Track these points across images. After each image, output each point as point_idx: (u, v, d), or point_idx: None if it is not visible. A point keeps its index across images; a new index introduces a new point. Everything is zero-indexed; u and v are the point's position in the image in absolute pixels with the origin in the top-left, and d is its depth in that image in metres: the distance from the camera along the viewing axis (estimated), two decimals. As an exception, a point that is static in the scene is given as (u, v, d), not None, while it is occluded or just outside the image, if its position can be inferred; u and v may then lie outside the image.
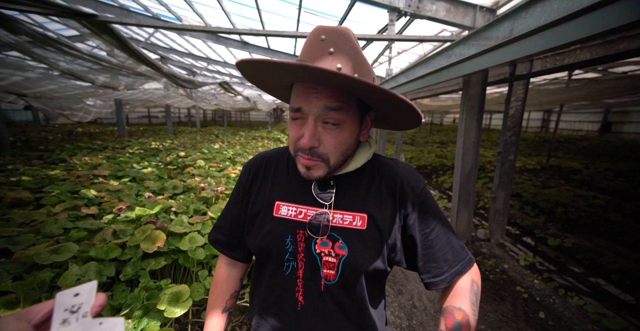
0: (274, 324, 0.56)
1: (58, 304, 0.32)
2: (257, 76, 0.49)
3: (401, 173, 0.58)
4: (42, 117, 14.22)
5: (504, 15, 1.18)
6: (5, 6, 1.64)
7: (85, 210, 2.14)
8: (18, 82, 4.04)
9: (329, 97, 0.46)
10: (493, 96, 7.17)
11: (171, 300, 1.38)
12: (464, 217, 2.77)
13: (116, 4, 5.23)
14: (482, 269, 2.54)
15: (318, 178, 0.51)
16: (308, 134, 0.47)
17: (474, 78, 2.31)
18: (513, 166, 2.82)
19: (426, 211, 0.56)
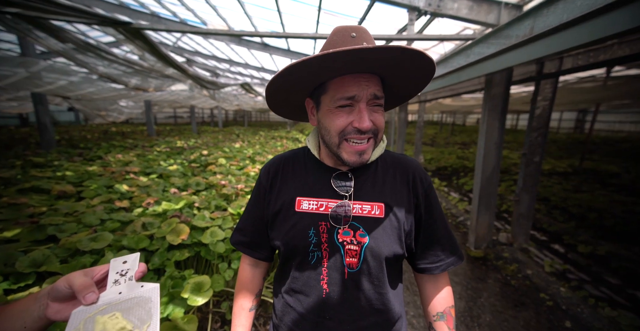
0: (300, 311, 0.59)
1: (112, 267, 0.41)
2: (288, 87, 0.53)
3: (412, 165, 0.64)
4: (82, 117, 15.40)
5: (525, 13, 1.14)
6: (56, 18, 1.83)
7: (118, 203, 2.31)
8: (64, 85, 4.43)
9: (376, 85, 0.52)
10: (520, 95, 6.80)
11: (194, 289, 1.47)
12: (485, 220, 2.68)
13: (148, 11, 5.57)
14: (504, 274, 2.45)
15: (367, 161, 0.55)
16: (366, 115, 0.51)
17: (496, 77, 2.23)
18: (539, 169, 2.68)
19: (431, 203, 0.61)
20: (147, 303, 0.39)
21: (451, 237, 0.63)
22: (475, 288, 2.28)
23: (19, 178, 2.74)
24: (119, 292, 0.39)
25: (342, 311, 0.57)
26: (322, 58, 0.44)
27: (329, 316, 0.57)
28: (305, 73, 0.49)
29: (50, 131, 5.04)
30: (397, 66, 0.49)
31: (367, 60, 0.46)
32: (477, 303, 2.10)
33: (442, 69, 2.15)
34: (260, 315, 1.84)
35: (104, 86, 5.66)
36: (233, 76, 11.82)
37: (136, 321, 0.37)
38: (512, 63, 1.43)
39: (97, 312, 0.37)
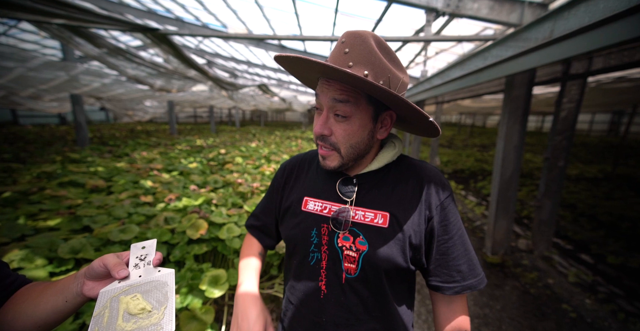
0: (300, 308, 0.61)
1: (132, 252, 0.46)
2: (294, 69, 0.55)
3: (429, 175, 0.58)
4: (112, 116, 16.35)
5: (545, 15, 1.11)
6: (95, 26, 1.99)
7: (143, 198, 2.47)
8: (98, 87, 4.76)
9: (337, 90, 0.50)
10: (546, 96, 6.47)
11: (211, 281, 1.56)
12: (503, 225, 2.59)
13: (173, 16, 5.85)
14: (522, 281, 2.36)
15: (333, 168, 0.55)
16: (320, 122, 0.52)
17: (518, 78, 2.16)
18: (563, 173, 2.56)
19: (448, 218, 0.56)
20: (164, 287, 0.43)
21: (470, 258, 0.56)
22: (491, 294, 2.22)
23: (59, 172, 2.99)
24: (139, 275, 0.44)
25: (338, 314, 0.57)
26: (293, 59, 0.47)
27: (326, 317, 0.57)
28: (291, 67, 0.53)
29: (84, 129, 5.42)
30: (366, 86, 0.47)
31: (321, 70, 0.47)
32: (493, 310, 2.05)
33: (458, 71, 2.11)
34: (273, 310, 1.91)
35: (131, 87, 6.02)
36: (251, 77, 12.10)
37: (155, 303, 0.41)
38: (533, 65, 1.40)
39: (121, 292, 0.41)
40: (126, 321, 0.39)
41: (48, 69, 3.58)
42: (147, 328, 0.39)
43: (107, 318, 0.39)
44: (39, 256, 1.26)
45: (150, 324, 0.39)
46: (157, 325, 0.40)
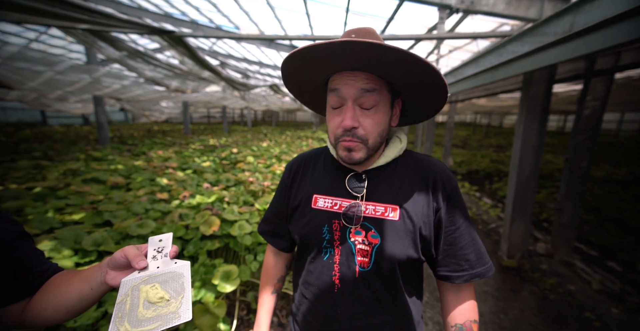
0: (314, 303, 0.62)
1: (150, 244, 0.48)
2: (296, 78, 0.56)
3: (435, 168, 0.60)
4: (130, 117, 17.00)
5: (565, 8, 1.06)
6: (116, 30, 2.09)
7: (159, 195, 2.55)
8: (118, 89, 4.96)
9: (363, 80, 0.50)
10: (569, 94, 6.19)
11: (223, 277, 1.59)
12: (520, 228, 2.50)
13: (188, 19, 6.02)
14: (541, 287, 2.27)
15: (359, 160, 0.54)
16: (349, 114, 0.51)
17: (536, 76, 2.07)
18: (586, 175, 2.45)
19: (454, 208, 0.57)
20: (180, 278, 0.46)
21: (478, 247, 0.58)
22: (506, 299, 2.15)
23: (83, 169, 3.15)
24: (157, 266, 0.46)
25: (352, 307, 0.58)
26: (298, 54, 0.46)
27: (340, 310, 0.59)
28: (305, 77, 0.52)
29: (106, 129, 5.67)
30: (393, 65, 0.47)
31: (346, 57, 0.46)
32: (509, 315, 1.99)
33: (472, 68, 2.05)
34: (283, 307, 1.93)
35: (149, 88, 6.24)
36: (262, 77, 12.26)
37: (172, 293, 0.44)
38: (552, 61, 1.34)
39: (141, 282, 0.44)
40: (146, 309, 0.42)
41: (74, 72, 3.78)
42: (165, 316, 0.41)
43: (129, 305, 0.42)
44: (66, 248, 1.33)
45: (168, 312, 0.42)
46: (175, 314, 0.42)
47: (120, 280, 0.45)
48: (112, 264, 0.46)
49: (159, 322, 0.41)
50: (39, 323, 0.48)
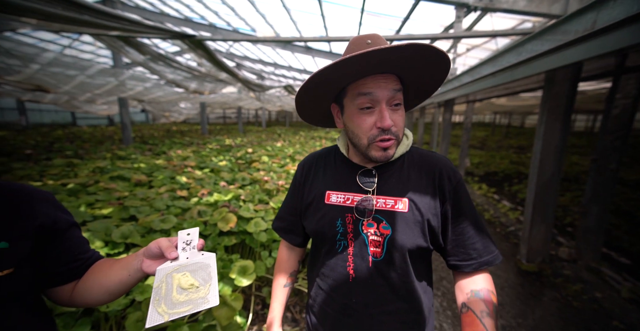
0: (330, 293, 0.65)
1: (179, 237, 0.53)
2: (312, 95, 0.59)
3: (439, 163, 0.63)
4: (151, 117, 17.74)
5: (587, 5, 1.02)
6: (142, 36, 2.21)
7: (179, 192, 2.67)
8: (141, 91, 5.22)
9: (394, 81, 0.55)
10: (599, 92, 5.86)
11: (240, 271, 1.66)
12: (541, 231, 2.42)
13: (206, 23, 6.22)
14: (563, 293, 2.18)
15: (392, 156, 0.59)
16: (386, 115, 0.54)
17: (559, 74, 2.00)
18: (615, 177, 2.32)
19: (460, 200, 0.60)
20: (207, 268, 0.51)
21: (484, 237, 0.61)
22: (525, 304, 2.09)
23: (109, 167, 3.34)
24: (186, 257, 0.51)
25: (367, 295, 0.61)
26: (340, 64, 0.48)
27: (355, 299, 0.62)
28: (324, 82, 0.55)
29: (129, 130, 5.97)
30: (412, 63, 0.52)
31: (381, 61, 0.49)
32: (529, 320, 1.93)
33: (489, 68, 2.01)
34: (297, 304, 1.97)
35: (169, 90, 6.49)
36: (277, 78, 12.43)
37: (201, 280, 0.49)
38: (577, 58, 1.30)
39: (173, 270, 0.49)
40: (179, 294, 0.47)
41: (102, 76, 4.02)
42: (196, 300, 0.47)
43: (165, 290, 0.47)
44: (98, 239, 1.44)
45: (198, 297, 0.47)
46: (204, 299, 0.47)
47: (154, 268, 0.50)
48: (148, 254, 0.51)
49: (191, 306, 0.46)
50: (85, 303, 0.55)
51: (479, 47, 3.79)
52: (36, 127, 11.47)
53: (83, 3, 1.29)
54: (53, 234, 0.50)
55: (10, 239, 0.44)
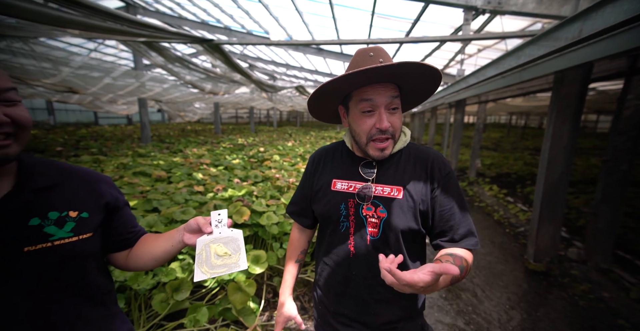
0: (333, 267, 0.75)
1: (212, 217, 0.65)
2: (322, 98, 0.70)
3: (432, 156, 0.72)
4: (167, 117, 18.35)
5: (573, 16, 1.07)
6: (165, 41, 2.38)
7: (196, 188, 2.83)
8: (159, 92, 5.48)
9: (392, 89, 0.65)
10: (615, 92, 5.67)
11: (253, 260, 1.78)
12: (548, 232, 2.42)
13: (222, 26, 6.43)
14: (570, 292, 2.19)
15: (388, 154, 0.68)
16: (384, 118, 0.64)
17: (569, 74, 2.01)
18: (626, 178, 2.30)
19: (448, 190, 0.68)
20: (237, 241, 0.62)
21: (468, 224, 0.68)
22: (530, 301, 2.11)
23: (131, 164, 3.56)
24: (219, 232, 0.63)
25: (365, 269, 0.70)
26: (345, 77, 0.59)
27: (355, 272, 0.71)
28: (334, 88, 0.65)
29: (148, 129, 6.26)
30: (406, 75, 0.62)
31: (379, 74, 0.60)
32: (532, 316, 1.95)
33: (493, 70, 2.04)
34: (305, 294, 2.08)
35: (185, 91, 6.76)
36: (289, 78, 12.62)
37: (232, 250, 0.61)
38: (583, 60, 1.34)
39: (210, 241, 0.61)
40: (216, 259, 0.60)
41: (125, 78, 4.27)
42: (230, 264, 0.60)
43: (205, 256, 0.60)
44: (127, 226, 1.60)
45: (231, 262, 0.60)
46: (236, 263, 0.60)
47: (193, 240, 0.62)
48: (187, 229, 0.63)
49: (226, 268, 0.59)
50: (136, 268, 0.67)
51: (490, 48, 3.77)
52: (62, 126, 12.17)
53: (120, 15, 1.44)
54: (114, 210, 0.63)
55: (89, 211, 0.56)
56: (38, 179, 0.52)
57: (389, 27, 4.57)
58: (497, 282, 2.35)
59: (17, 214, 0.47)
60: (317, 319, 0.83)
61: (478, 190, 5.23)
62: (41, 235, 0.48)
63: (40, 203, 0.50)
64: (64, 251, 0.50)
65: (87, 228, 0.54)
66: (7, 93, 0.45)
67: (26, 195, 0.49)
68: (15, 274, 0.45)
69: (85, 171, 0.61)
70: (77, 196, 0.56)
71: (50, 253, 0.48)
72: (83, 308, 0.54)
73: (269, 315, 1.85)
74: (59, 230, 0.50)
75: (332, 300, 0.76)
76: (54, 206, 0.52)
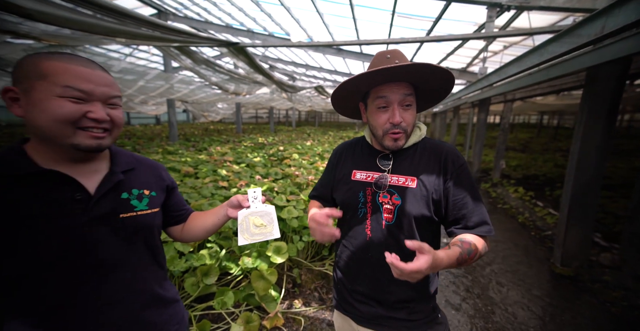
0: (352, 249, 0.82)
1: (249, 194, 0.77)
2: (345, 95, 0.78)
3: (446, 149, 0.77)
4: (191, 117, 19.25)
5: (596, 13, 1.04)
6: (196, 45, 2.56)
7: (221, 183, 3.00)
8: (186, 93, 5.81)
9: (405, 87, 0.71)
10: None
11: (275, 250, 1.88)
12: (577, 235, 2.31)
13: (245, 28, 6.68)
14: (601, 298, 2.09)
15: (402, 146, 0.75)
16: (397, 113, 0.71)
17: (603, 71, 1.92)
18: (668, 182, 2.15)
19: (461, 181, 0.73)
20: (270, 215, 0.75)
21: (482, 213, 0.72)
22: (555, 305, 2.04)
23: (162, 160, 3.83)
24: (256, 207, 0.75)
25: (380, 251, 0.75)
26: (361, 76, 0.67)
27: (371, 253, 0.78)
28: (354, 87, 0.74)
29: (175, 128, 6.65)
30: (418, 74, 0.68)
31: (393, 74, 0.67)
32: (556, 319, 1.89)
33: (514, 68, 1.99)
34: (323, 286, 2.15)
35: (210, 92, 7.10)
36: (308, 79, 12.77)
37: (267, 222, 0.74)
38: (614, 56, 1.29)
39: (249, 214, 0.75)
40: (254, 229, 0.72)
41: (156, 80, 4.58)
42: (265, 233, 0.72)
43: (245, 226, 0.72)
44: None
45: (267, 231, 0.72)
46: (270, 233, 0.72)
47: (235, 214, 0.75)
48: (230, 205, 0.76)
49: (262, 236, 0.72)
50: (190, 239, 0.81)
51: (517, 45, 3.62)
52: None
53: (161, 24, 1.61)
54: (171, 191, 0.76)
55: (156, 191, 0.69)
56: (124, 163, 0.65)
57: (409, 25, 4.53)
58: (519, 284, 2.29)
59: (113, 189, 0.60)
60: (336, 298, 0.90)
61: (502, 192, 5.03)
62: (129, 206, 0.62)
63: (127, 181, 0.64)
64: (142, 220, 0.63)
65: (156, 204, 0.68)
66: (113, 99, 0.58)
67: (119, 175, 0.62)
68: (115, 233, 0.59)
69: (150, 160, 0.75)
70: (148, 179, 0.69)
71: (134, 220, 0.62)
72: (150, 266, 0.67)
73: (289, 304, 1.95)
74: (139, 203, 0.64)
75: (350, 279, 0.84)
76: (135, 185, 0.65)
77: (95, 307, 0.56)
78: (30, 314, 0.52)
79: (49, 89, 0.50)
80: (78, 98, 0.52)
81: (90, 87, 0.53)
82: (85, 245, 0.54)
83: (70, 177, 0.55)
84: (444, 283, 2.30)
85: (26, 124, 0.53)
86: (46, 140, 0.53)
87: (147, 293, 0.64)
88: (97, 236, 0.56)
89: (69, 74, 0.51)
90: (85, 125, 0.53)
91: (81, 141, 0.53)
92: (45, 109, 0.50)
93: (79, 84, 0.52)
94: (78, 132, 0.53)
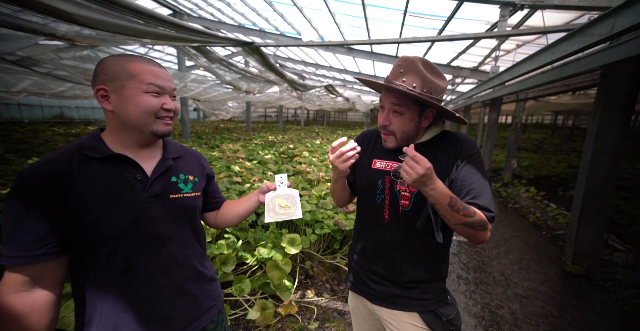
0: (370, 233, 0.88)
1: (276, 178, 0.86)
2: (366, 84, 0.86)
3: (460, 139, 0.83)
4: (202, 115, 19.59)
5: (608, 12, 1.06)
6: (212, 44, 2.66)
7: (235, 178, 3.11)
8: (199, 91, 5.96)
9: (393, 97, 0.77)
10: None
11: (289, 242, 1.97)
12: (589, 234, 2.31)
13: (257, 28, 6.79)
14: (613, 296, 2.09)
15: (391, 147, 0.82)
16: (383, 117, 0.80)
17: (618, 69, 1.91)
18: (684, 182, 2.12)
19: (472, 168, 0.78)
20: (294, 197, 0.83)
21: (486, 198, 0.76)
22: (566, 302, 2.05)
23: (178, 156, 3.97)
24: (281, 190, 0.83)
25: (396, 233, 0.83)
26: (374, 82, 0.78)
27: (387, 236, 0.84)
28: (370, 85, 0.83)
29: (188, 126, 6.83)
30: (404, 93, 0.75)
31: (387, 87, 0.75)
32: (566, 315, 1.91)
33: (527, 66, 2.00)
34: (335, 278, 2.23)
35: (221, 91, 7.25)
36: (317, 78, 12.84)
37: (291, 204, 0.82)
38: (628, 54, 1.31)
39: (275, 196, 0.83)
40: (280, 209, 0.80)
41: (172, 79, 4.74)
42: (289, 213, 0.80)
43: (272, 206, 0.81)
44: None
45: (290, 212, 0.81)
46: (293, 213, 0.81)
47: (264, 198, 0.83)
48: (260, 191, 0.85)
49: (286, 216, 0.80)
50: (224, 224, 0.89)
51: (530, 43, 3.58)
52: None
53: (184, 25, 1.70)
54: (210, 179, 0.84)
55: (198, 177, 0.78)
56: (174, 151, 0.74)
57: (421, 25, 4.53)
58: (529, 279, 2.30)
59: (165, 173, 0.69)
60: (351, 280, 0.97)
61: (513, 191, 4.98)
62: (177, 188, 0.71)
63: (175, 167, 0.72)
64: (188, 202, 0.72)
65: (198, 188, 0.76)
66: (174, 91, 0.68)
67: (169, 161, 0.71)
68: (166, 211, 0.67)
69: (193, 150, 0.83)
70: (192, 166, 0.77)
71: (182, 201, 0.70)
72: (193, 244, 0.75)
73: (302, 294, 2.03)
74: (185, 187, 0.72)
75: (367, 260, 0.90)
76: (182, 171, 0.73)
77: (153, 273, 0.65)
78: (106, 272, 0.61)
79: (137, 86, 0.61)
80: (156, 93, 0.63)
81: (163, 83, 0.64)
82: (147, 219, 0.63)
83: (134, 160, 0.64)
84: (451, 277, 2.34)
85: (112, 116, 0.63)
86: (131, 129, 0.63)
87: (189, 267, 0.72)
88: (154, 212, 0.65)
89: (149, 73, 0.62)
90: (161, 115, 0.65)
91: (159, 128, 0.65)
92: (136, 103, 0.61)
93: (157, 81, 0.63)
94: (157, 121, 0.64)
